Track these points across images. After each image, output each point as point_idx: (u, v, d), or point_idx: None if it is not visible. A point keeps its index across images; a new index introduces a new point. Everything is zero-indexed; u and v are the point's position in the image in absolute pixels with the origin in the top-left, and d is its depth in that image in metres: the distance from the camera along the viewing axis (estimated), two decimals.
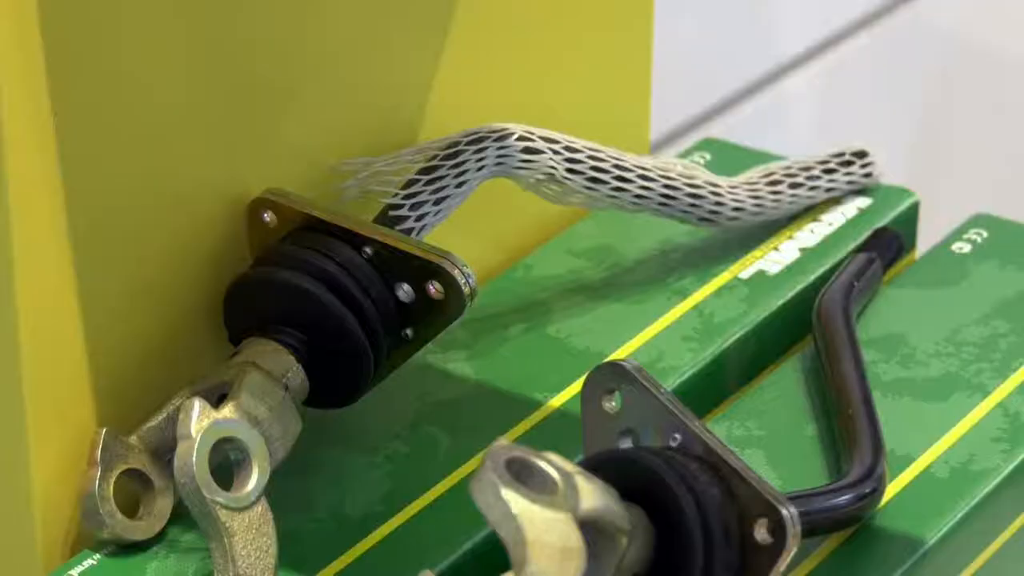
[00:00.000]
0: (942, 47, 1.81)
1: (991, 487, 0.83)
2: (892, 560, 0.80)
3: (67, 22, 0.75)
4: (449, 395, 0.88)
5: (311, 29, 0.85)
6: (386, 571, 0.79)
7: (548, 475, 0.69)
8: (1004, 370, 0.89)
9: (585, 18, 0.98)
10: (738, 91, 1.58)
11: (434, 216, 0.86)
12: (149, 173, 0.81)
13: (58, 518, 0.80)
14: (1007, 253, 0.97)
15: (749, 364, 0.92)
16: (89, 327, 0.79)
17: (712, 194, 0.94)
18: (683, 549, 0.72)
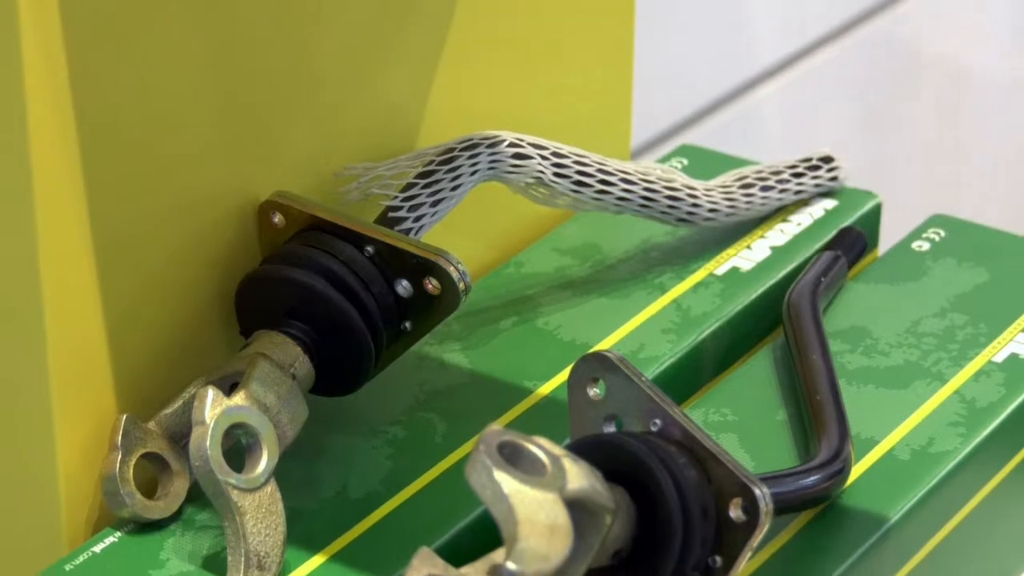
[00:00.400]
0: (901, 60, 1.81)
1: (949, 468, 0.83)
2: (857, 536, 0.80)
3: (90, 42, 0.75)
4: (445, 383, 0.88)
5: (317, 46, 0.85)
6: (387, 548, 0.78)
7: (537, 458, 0.69)
8: (961, 360, 0.89)
9: (571, 33, 0.98)
10: (713, 101, 1.58)
11: (431, 217, 0.86)
12: (166, 179, 0.80)
13: (82, 498, 0.80)
14: (963, 251, 0.97)
15: (724, 354, 0.92)
16: (111, 322, 0.79)
17: (689, 196, 0.94)
18: (663, 527, 0.72)
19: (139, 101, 0.78)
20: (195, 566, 0.78)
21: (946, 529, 0.84)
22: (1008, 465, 0.87)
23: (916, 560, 0.83)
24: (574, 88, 1.00)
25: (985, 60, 1.96)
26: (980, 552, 0.88)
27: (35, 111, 0.73)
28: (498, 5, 0.93)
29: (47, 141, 0.74)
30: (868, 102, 1.78)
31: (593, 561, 0.71)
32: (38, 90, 0.73)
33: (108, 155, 0.77)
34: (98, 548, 0.78)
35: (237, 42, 0.81)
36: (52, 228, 0.75)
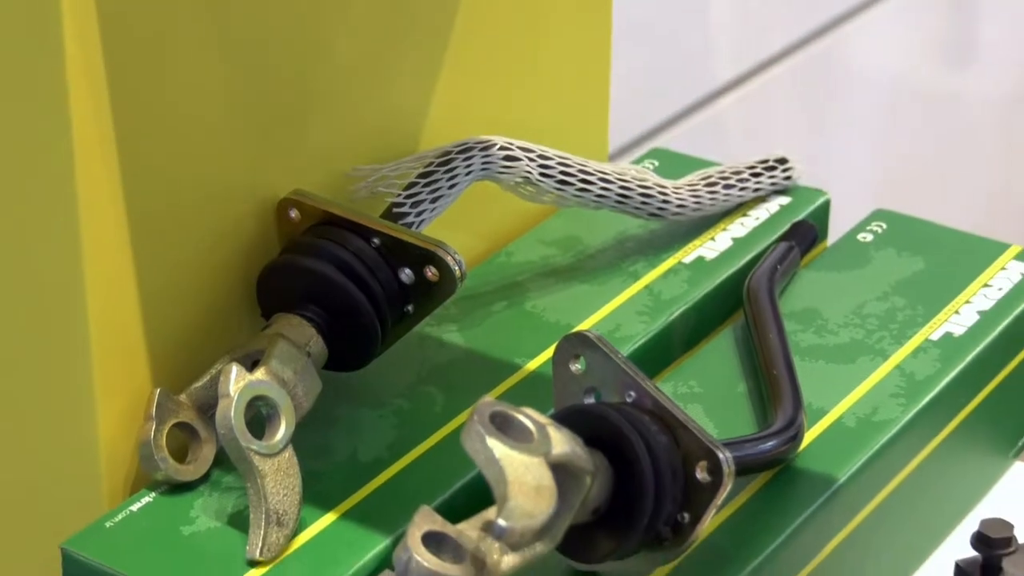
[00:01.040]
0: (846, 73, 1.81)
1: (891, 435, 0.83)
2: (810, 495, 0.80)
3: (127, 58, 0.74)
4: (443, 360, 0.88)
5: (329, 62, 0.85)
6: (392, 507, 0.78)
7: (525, 426, 0.69)
8: (901, 338, 0.89)
9: (556, 50, 0.98)
10: (681, 110, 1.58)
11: (431, 212, 0.86)
12: (195, 179, 0.80)
13: (120, 463, 0.80)
14: (903, 242, 0.97)
15: (691, 334, 0.92)
16: (145, 306, 0.79)
17: (660, 194, 0.94)
18: (637, 487, 0.72)
19: (171, 109, 0.78)
20: (221, 523, 0.77)
21: (889, 488, 0.84)
22: (944, 431, 0.87)
23: (862, 516, 0.83)
24: (558, 98, 0.99)
25: (919, 73, 1.95)
26: (920, 509, 0.88)
27: (78, 118, 0.73)
28: (491, 25, 0.93)
29: (88, 145, 0.74)
30: (817, 110, 1.78)
31: (574, 518, 0.71)
32: (80, 99, 0.73)
33: (142, 157, 0.77)
34: (135, 507, 0.78)
35: (259, 59, 0.81)
36: (93, 223, 0.75)
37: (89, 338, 0.77)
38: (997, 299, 0.92)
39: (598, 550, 0.73)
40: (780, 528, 0.78)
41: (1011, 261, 0.95)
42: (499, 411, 0.69)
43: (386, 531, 0.77)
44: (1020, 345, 0.92)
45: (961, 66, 2.03)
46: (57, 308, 0.77)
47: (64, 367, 0.78)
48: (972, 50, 2.04)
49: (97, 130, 0.74)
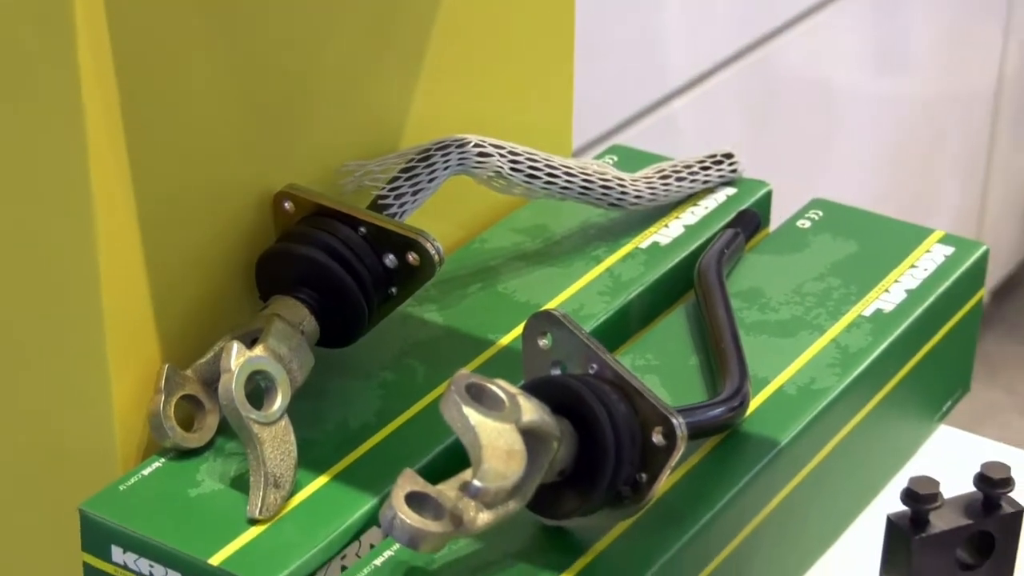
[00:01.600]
0: (787, 77, 1.81)
1: (827, 401, 0.83)
2: (754, 456, 0.80)
3: (136, 65, 0.74)
4: (424, 336, 0.87)
5: (320, 69, 0.85)
6: (378, 469, 0.78)
7: (497, 396, 0.70)
8: (836, 314, 0.89)
9: (525, 57, 0.98)
10: (638, 111, 1.58)
11: (412, 204, 0.86)
12: (199, 175, 0.80)
13: (132, 432, 0.79)
14: (837, 228, 0.97)
15: (647, 311, 0.92)
16: (154, 289, 0.79)
17: (619, 186, 0.94)
18: (599, 450, 0.72)
19: (176, 112, 0.77)
20: (224, 485, 0.77)
21: (826, 450, 0.84)
22: (875, 398, 0.87)
23: (802, 475, 0.83)
24: (527, 99, 0.99)
25: (852, 77, 1.96)
26: (854, 469, 0.88)
27: (92, 123, 0.73)
28: (465, 35, 0.92)
29: (101, 146, 0.74)
30: (760, 110, 1.78)
31: (543, 478, 0.71)
32: (93, 105, 0.73)
33: (150, 156, 0.76)
34: (146, 472, 0.78)
35: (257, 66, 0.81)
36: (107, 217, 0.75)
37: (103, 320, 0.76)
38: (923, 279, 0.92)
39: (564, 507, 0.73)
40: (728, 487, 0.78)
41: (935, 244, 0.95)
42: (474, 382, 0.70)
43: (373, 492, 0.77)
44: (944, 320, 0.92)
45: (890, 70, 2.03)
46: (74, 294, 0.77)
47: (81, 346, 0.78)
48: (900, 56, 2.04)
49: (108, 133, 0.74)
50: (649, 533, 0.75)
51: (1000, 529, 0.81)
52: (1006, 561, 0.82)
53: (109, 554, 0.75)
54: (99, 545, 0.76)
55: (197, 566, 0.73)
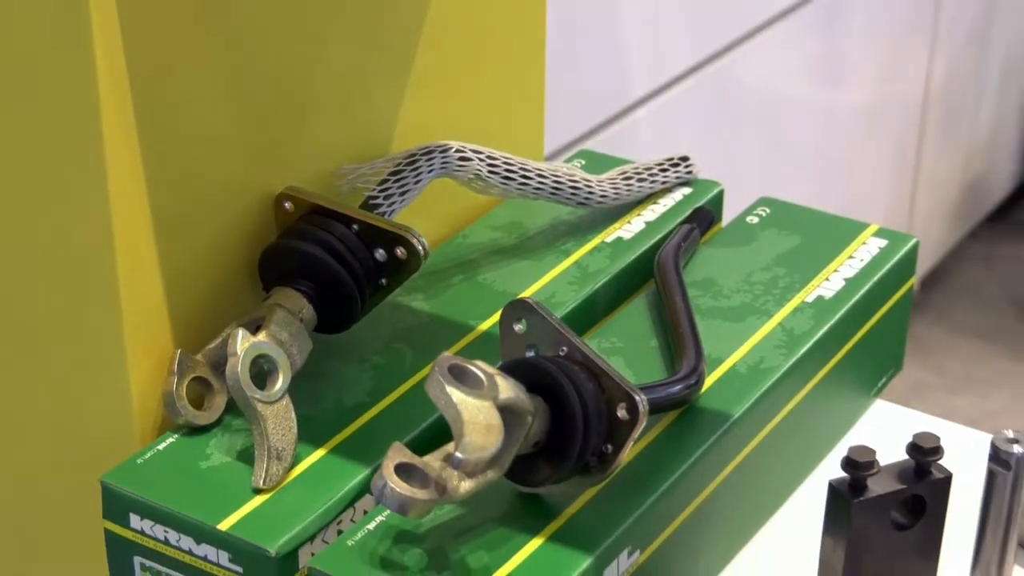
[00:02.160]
0: (735, 89, 1.81)
1: (774, 379, 0.83)
2: (709, 429, 0.80)
3: (149, 78, 0.74)
4: (412, 323, 0.87)
5: (318, 84, 0.84)
6: (371, 444, 0.78)
7: (477, 376, 0.70)
8: (782, 300, 0.89)
9: (500, 71, 0.98)
10: (603, 120, 1.58)
11: (400, 203, 0.86)
12: (207, 178, 0.80)
13: (149, 411, 0.79)
14: (783, 223, 0.97)
15: (612, 299, 0.91)
16: (166, 282, 0.79)
17: (586, 187, 0.94)
18: (569, 424, 0.72)
19: (186, 121, 0.77)
20: (232, 458, 0.77)
21: (774, 423, 0.84)
22: (817, 376, 0.87)
23: (752, 446, 0.83)
24: (503, 110, 0.99)
25: (796, 89, 1.96)
26: (799, 439, 0.88)
27: (108, 131, 0.73)
28: (448, 51, 0.92)
29: (118, 153, 0.74)
30: (713, 118, 1.78)
31: (519, 450, 0.72)
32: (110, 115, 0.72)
33: (162, 161, 0.76)
34: (161, 446, 0.78)
35: (259, 81, 0.81)
36: (124, 218, 0.75)
37: (121, 310, 0.76)
38: (859, 268, 0.92)
39: (538, 476, 0.73)
40: (686, 456, 0.78)
41: (870, 237, 0.95)
42: (456, 364, 0.70)
43: (366, 463, 0.76)
44: (878, 306, 0.92)
45: (830, 82, 2.03)
46: (95, 287, 0.77)
47: (102, 334, 0.77)
48: (839, 69, 2.04)
49: (124, 141, 0.74)
50: (615, 499, 0.75)
51: (931, 493, 0.81)
52: (936, 522, 0.82)
53: (128, 521, 0.75)
54: (118, 513, 0.75)
55: (207, 531, 0.73)
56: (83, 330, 0.78)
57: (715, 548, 0.83)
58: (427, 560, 0.71)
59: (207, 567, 0.74)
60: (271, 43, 0.81)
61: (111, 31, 0.71)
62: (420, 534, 0.72)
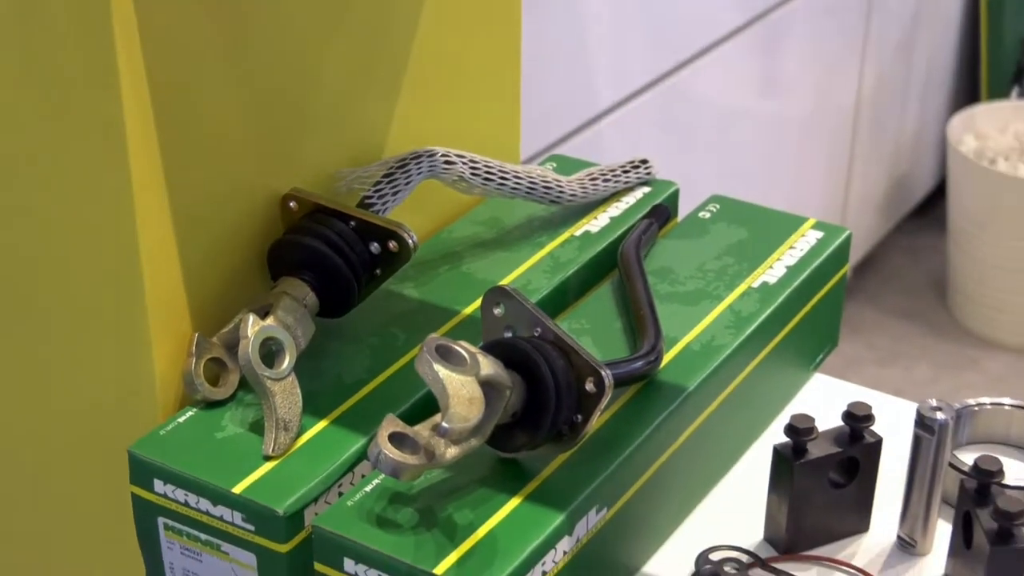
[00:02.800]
0: (690, 100, 1.81)
1: (725, 356, 0.83)
2: (667, 400, 0.80)
3: (169, 93, 0.74)
4: (403, 308, 0.87)
5: (317, 97, 0.84)
6: (367, 415, 0.78)
7: (461, 354, 0.70)
8: (731, 286, 0.89)
9: (481, 85, 0.98)
10: (573, 128, 1.58)
11: (392, 202, 0.86)
12: (221, 181, 0.79)
13: (170, 388, 0.79)
14: (731, 218, 0.96)
15: (581, 286, 0.91)
16: (185, 274, 0.78)
17: (558, 187, 0.93)
18: (543, 397, 0.72)
19: (202, 131, 0.77)
20: (244, 429, 0.77)
21: (724, 394, 0.84)
22: (762, 352, 0.87)
23: (705, 415, 0.82)
24: (484, 119, 0.99)
25: (742, 99, 1.96)
26: (747, 409, 0.88)
27: (132, 140, 0.72)
28: (434, 67, 0.92)
29: (141, 161, 0.73)
30: (670, 125, 1.78)
31: (498, 420, 0.71)
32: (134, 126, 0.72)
33: (181, 167, 0.76)
34: (181, 419, 0.77)
35: (268, 95, 0.80)
36: (146, 216, 0.74)
37: (145, 299, 0.76)
38: (799, 257, 0.92)
39: (516, 443, 0.73)
40: (647, 424, 0.77)
41: (809, 230, 0.94)
42: (442, 344, 0.69)
43: (363, 433, 0.76)
44: (816, 290, 0.92)
45: (772, 93, 2.03)
46: (122, 279, 0.76)
47: (128, 321, 0.77)
48: (780, 81, 2.04)
49: (146, 148, 0.73)
50: (584, 463, 0.74)
51: (864, 455, 0.81)
52: (868, 481, 0.82)
53: (152, 486, 0.75)
54: (144, 479, 0.75)
55: (223, 494, 0.73)
56: (112, 317, 0.78)
57: (673, 505, 0.83)
58: (418, 518, 0.71)
59: (223, 526, 0.73)
60: (278, 62, 0.80)
61: (135, 55, 0.71)
62: (411, 495, 0.72)
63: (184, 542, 0.75)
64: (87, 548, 0.87)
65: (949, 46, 2.54)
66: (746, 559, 0.80)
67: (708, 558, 0.80)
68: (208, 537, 0.74)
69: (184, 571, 0.76)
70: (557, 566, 0.71)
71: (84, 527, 0.86)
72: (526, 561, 0.69)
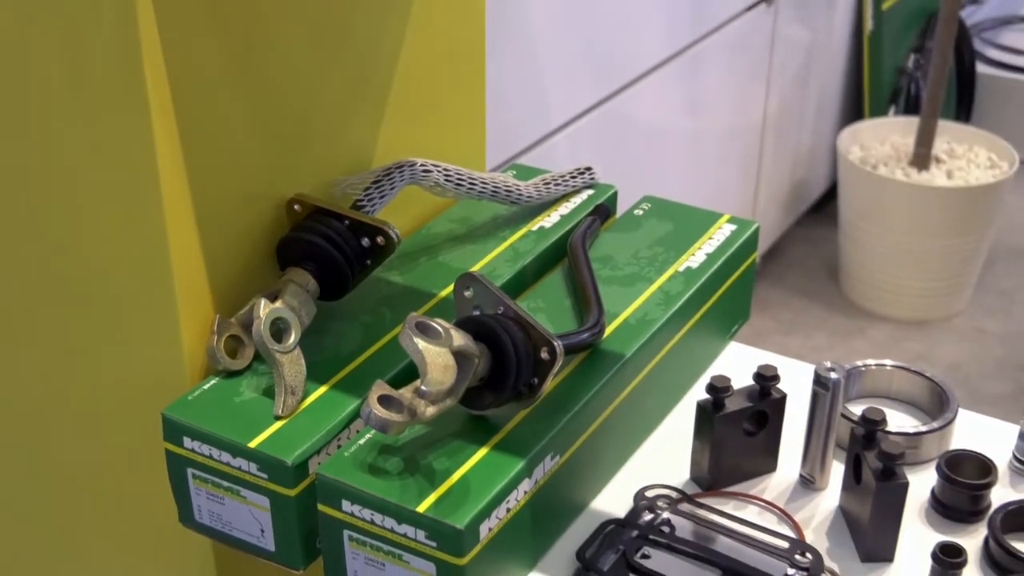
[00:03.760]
0: (627, 119, 1.80)
1: (655, 328, 0.82)
2: (609, 365, 0.79)
3: (193, 113, 0.73)
4: (390, 292, 0.86)
5: (317, 115, 0.83)
6: (360, 381, 0.77)
7: (437, 329, 0.69)
8: (661, 271, 0.88)
9: (452, 108, 0.96)
10: (530, 143, 1.57)
11: (380, 204, 0.85)
12: (236, 187, 0.78)
13: (196, 360, 0.78)
14: (660, 214, 0.96)
15: (537, 272, 0.90)
16: (208, 266, 0.77)
17: (517, 190, 0.93)
18: (506, 364, 0.72)
19: (219, 145, 0.76)
20: (258, 394, 0.76)
21: (656, 359, 0.83)
22: (687, 325, 0.86)
23: (641, 377, 0.82)
24: (456, 135, 0.98)
25: (671, 118, 1.95)
26: (675, 371, 0.87)
27: (162, 155, 0.71)
28: (414, 92, 0.91)
29: (169, 172, 0.72)
30: (611, 140, 1.77)
31: (469, 383, 0.71)
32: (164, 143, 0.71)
33: (203, 176, 0.75)
34: (206, 386, 0.76)
35: (276, 116, 0.79)
36: (174, 220, 0.73)
37: (174, 288, 0.75)
38: (717, 246, 0.91)
39: (484, 402, 0.73)
40: (592, 385, 0.77)
41: (724, 224, 0.94)
42: (421, 321, 0.69)
43: (357, 396, 0.75)
44: (731, 273, 0.91)
45: (695, 113, 2.03)
46: (156, 272, 0.75)
47: (161, 307, 0.76)
48: (701, 103, 2.03)
49: (173, 163, 0.72)
50: (540, 418, 0.74)
51: (771, 408, 0.80)
52: (775, 430, 0.81)
53: (182, 443, 0.74)
54: (175, 437, 0.74)
55: (241, 448, 0.72)
56: (148, 305, 0.77)
57: (615, 452, 0.82)
58: (403, 465, 0.70)
59: (241, 475, 0.72)
60: (283, 90, 0.79)
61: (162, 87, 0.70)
62: (398, 447, 0.71)
63: (209, 489, 0.74)
64: (130, 495, 0.86)
65: (838, 74, 2.55)
66: (675, 495, 0.79)
67: (644, 495, 0.79)
68: (229, 484, 0.73)
69: (210, 512, 0.75)
70: (519, 503, 0.71)
71: (127, 478, 0.85)
72: (493, 500, 0.69)
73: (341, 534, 0.70)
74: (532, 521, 0.72)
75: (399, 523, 0.68)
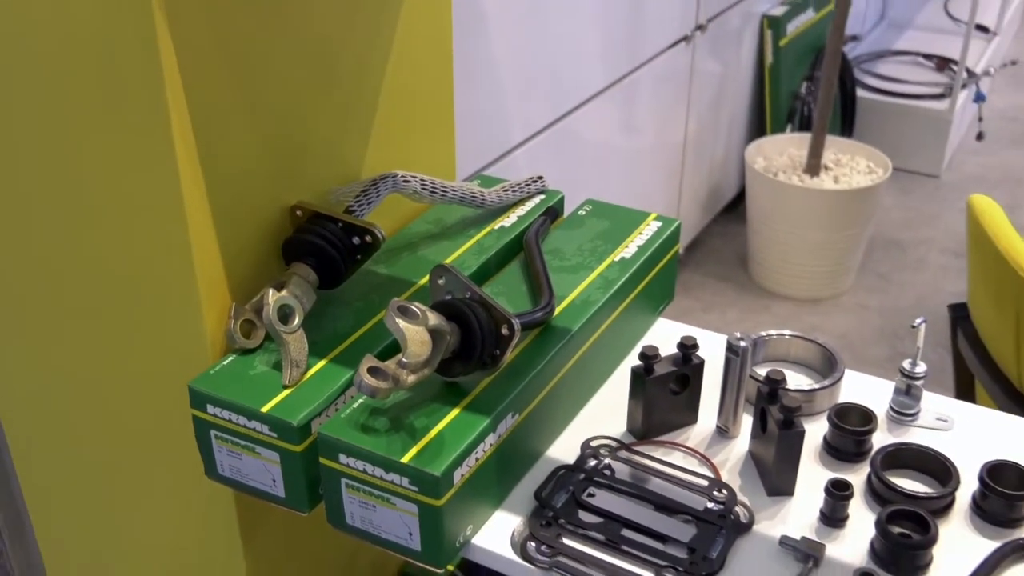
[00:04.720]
0: (577, 136, 1.79)
1: (597, 308, 0.82)
2: (558, 338, 0.78)
3: (208, 130, 0.71)
4: (377, 282, 0.84)
5: (315, 134, 0.81)
6: (353, 355, 0.76)
7: (416, 311, 0.68)
8: (600, 261, 0.87)
9: (427, 127, 0.95)
10: (494, 158, 1.56)
11: (368, 209, 0.84)
12: (248, 197, 0.77)
13: (216, 341, 0.76)
14: (600, 214, 0.95)
15: (499, 263, 0.89)
16: (225, 263, 0.76)
17: (482, 196, 0.92)
18: (473, 339, 0.71)
19: (231, 158, 0.74)
20: (269, 368, 0.75)
21: (597, 334, 0.83)
22: (622, 305, 0.86)
23: (584, 349, 0.81)
24: (430, 151, 0.97)
25: (610, 136, 1.94)
26: (612, 344, 0.86)
27: (184, 170, 0.70)
28: (396, 115, 0.89)
29: (189, 184, 0.71)
30: (561, 155, 1.76)
31: (442, 356, 0.70)
32: (185, 160, 0.70)
33: (218, 188, 0.73)
34: (225, 362, 0.75)
35: (279, 138, 0.78)
36: (196, 227, 0.72)
37: (196, 281, 0.73)
38: (646, 239, 0.91)
39: (455, 371, 0.72)
40: (544, 356, 0.76)
41: (652, 221, 0.93)
42: (402, 304, 0.68)
43: (351, 368, 0.74)
44: (658, 261, 0.91)
45: (630, 132, 2.02)
46: (181, 268, 0.74)
47: (185, 297, 0.74)
48: (636, 124, 2.03)
49: (193, 176, 0.71)
50: (503, 382, 0.73)
51: (692, 372, 0.80)
52: (696, 389, 0.81)
53: (206, 409, 0.73)
54: (200, 405, 0.73)
55: (255, 412, 0.71)
56: (176, 296, 0.75)
57: (564, 410, 0.81)
58: (389, 424, 0.69)
59: (255, 435, 0.71)
60: (285, 116, 0.78)
61: (183, 115, 0.69)
62: (385, 408, 0.71)
63: (229, 447, 0.73)
64: (164, 455, 0.84)
65: (744, 99, 2.55)
66: (615, 444, 0.79)
67: (589, 444, 0.79)
68: (245, 443, 0.72)
69: (230, 467, 0.74)
70: (486, 454, 0.70)
71: (161, 440, 0.84)
72: (464, 451, 0.68)
73: (339, 482, 0.69)
74: (497, 468, 0.72)
75: (387, 472, 0.67)
